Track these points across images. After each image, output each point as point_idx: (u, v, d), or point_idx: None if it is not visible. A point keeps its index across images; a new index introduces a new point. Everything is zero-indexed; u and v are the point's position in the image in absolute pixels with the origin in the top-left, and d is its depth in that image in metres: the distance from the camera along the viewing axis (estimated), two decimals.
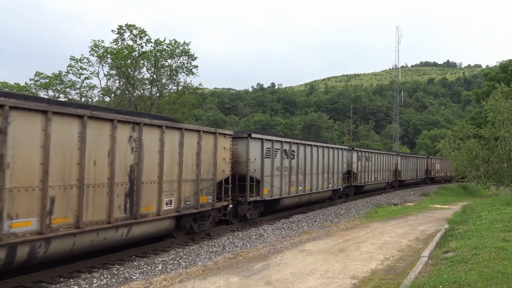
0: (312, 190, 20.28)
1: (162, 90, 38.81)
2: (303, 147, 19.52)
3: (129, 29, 35.53)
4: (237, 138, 15.25)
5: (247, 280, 8.29)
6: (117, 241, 9.73)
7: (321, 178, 21.45)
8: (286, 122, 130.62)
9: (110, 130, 9.29)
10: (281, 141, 17.47)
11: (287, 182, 17.78)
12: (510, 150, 26.04)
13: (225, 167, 13.72)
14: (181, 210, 11.50)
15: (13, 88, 34.45)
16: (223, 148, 13.53)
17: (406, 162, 40.30)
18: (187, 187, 11.82)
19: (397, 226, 15.74)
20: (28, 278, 8.24)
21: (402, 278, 7.98)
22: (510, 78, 35.23)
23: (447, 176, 54.52)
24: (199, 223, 12.80)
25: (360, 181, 28.27)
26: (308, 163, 19.93)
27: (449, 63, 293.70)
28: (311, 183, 20.19)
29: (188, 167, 11.86)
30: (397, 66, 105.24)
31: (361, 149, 29.35)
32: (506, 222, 12.08)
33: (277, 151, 17.01)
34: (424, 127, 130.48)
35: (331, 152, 22.90)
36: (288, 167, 17.88)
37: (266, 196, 16.13)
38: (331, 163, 22.75)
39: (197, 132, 12.36)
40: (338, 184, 23.95)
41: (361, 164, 28.43)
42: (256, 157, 15.52)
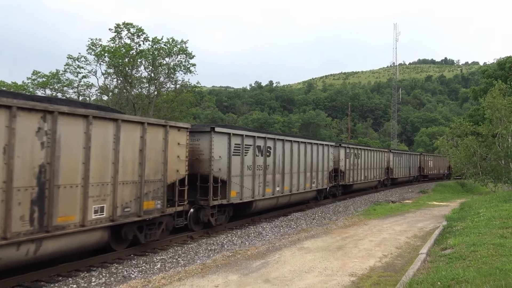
0: (292, 190, 18.51)
1: (160, 88, 38.75)
2: (281, 143, 17.66)
3: (127, 27, 35.44)
4: (198, 132, 13.44)
5: (245, 278, 8.30)
6: (21, 261, 7.80)
7: (303, 177, 19.61)
8: (284, 120, 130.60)
9: (6, 120, 7.31)
10: (253, 136, 15.55)
11: (261, 183, 15.95)
12: (507, 147, 26.10)
13: (179, 166, 11.72)
14: (117, 218, 9.50)
15: (10, 87, 34.34)
16: (176, 144, 11.58)
17: (398, 159, 38.67)
18: (126, 191, 9.84)
19: (395, 223, 15.77)
20: (27, 277, 8.23)
21: (401, 275, 8.00)
22: (507, 75, 35.29)
23: (440, 174, 53.21)
24: (147, 232, 10.95)
25: (348, 180, 26.46)
26: (288, 160, 18.15)
27: (446, 60, 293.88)
28: (291, 183, 18.39)
29: (128, 166, 9.90)
30: (395, 63, 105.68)
31: (349, 145, 27.60)
32: (504, 219, 12.11)
33: (248, 148, 15.15)
34: (422, 125, 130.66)
35: (315, 149, 21.05)
36: (262, 165, 16.07)
37: (234, 199, 14.31)
38: (315, 161, 20.94)
39: (140, 125, 10.37)
40: (323, 183, 22.14)
41: (350, 162, 26.67)
42: (222, 154, 13.67)
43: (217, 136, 13.50)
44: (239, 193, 14.60)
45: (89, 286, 8.11)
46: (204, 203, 13.15)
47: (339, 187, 25.61)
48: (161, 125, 11.16)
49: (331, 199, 24.65)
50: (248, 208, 15.59)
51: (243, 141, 14.84)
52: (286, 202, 18.60)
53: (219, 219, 14.05)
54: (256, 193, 15.64)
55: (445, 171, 54.06)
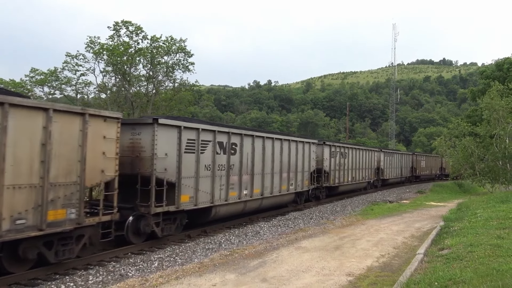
0: (264, 194, 16.34)
1: (159, 87, 38.68)
2: (250, 140, 15.45)
3: (125, 25, 35.34)
4: (140, 124, 11.37)
5: (243, 277, 8.30)
6: None
7: (278, 178, 17.44)
8: (283, 120, 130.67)
9: None
10: (212, 130, 13.25)
11: (223, 185, 13.77)
12: (505, 148, 26.16)
13: (106, 165, 9.49)
14: (3, 234, 7.35)
15: (8, 84, 34.21)
16: (102, 138, 9.38)
17: (390, 159, 36.87)
18: (20, 197, 7.66)
19: (392, 223, 15.80)
20: (24, 276, 8.21)
21: (398, 275, 8.01)
22: (505, 76, 35.37)
23: (432, 174, 51.48)
24: (59, 249, 8.68)
25: (333, 181, 24.32)
26: (258, 159, 15.95)
27: (445, 61, 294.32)
28: (262, 185, 16.24)
29: (22, 165, 7.72)
30: (393, 64, 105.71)
31: (335, 143, 25.47)
32: (501, 219, 12.14)
33: (206, 144, 12.95)
34: (420, 125, 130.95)
35: (294, 147, 18.83)
36: (225, 165, 13.91)
37: (186, 205, 12.11)
38: (294, 160, 18.79)
39: (42, 112, 8.10)
40: (303, 185, 19.95)
41: (335, 162, 24.58)
42: (169, 151, 11.47)
43: (163, 130, 11.28)
44: (193, 198, 12.37)
45: (86, 284, 8.10)
46: (144, 210, 10.90)
47: (322, 189, 23.42)
48: (76, 113, 8.89)
49: (314, 202, 22.52)
50: (207, 214, 13.39)
51: (198, 136, 12.56)
52: (257, 207, 16.42)
53: (167, 228, 11.84)
54: (217, 197, 13.44)
55: (437, 172, 52.94)
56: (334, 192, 25.15)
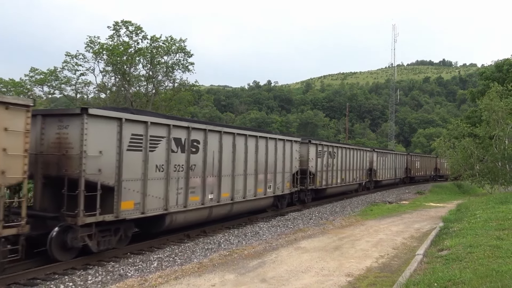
0: (235, 198, 14.43)
1: (158, 87, 38.72)
2: (217, 136, 13.51)
3: (125, 25, 35.37)
4: (67, 116, 9.48)
5: (242, 277, 8.30)
6: None
7: (253, 180, 15.53)
8: (282, 120, 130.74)
9: None
10: (166, 124, 11.31)
11: (181, 189, 11.84)
12: (504, 149, 26.19)
13: (8, 165, 7.64)
14: None
15: (7, 84, 34.21)
16: (2, 130, 7.52)
17: (383, 160, 35.08)
18: None
19: (392, 224, 15.80)
20: (23, 275, 8.21)
21: (397, 276, 8.01)
22: (505, 77, 35.41)
23: (427, 175, 49.94)
24: None
25: (320, 183, 22.40)
26: (228, 159, 14.11)
27: (444, 62, 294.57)
28: (232, 188, 14.32)
29: None
30: (393, 64, 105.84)
31: (322, 142, 23.36)
32: (500, 220, 12.14)
33: (158, 141, 11.01)
34: (420, 126, 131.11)
35: (272, 145, 16.96)
36: (184, 165, 11.95)
37: (129, 213, 10.09)
38: (272, 160, 17.01)
39: None
40: (283, 188, 18.10)
41: (322, 162, 22.71)
42: (104, 149, 9.56)
43: (95, 122, 9.38)
44: (140, 204, 10.40)
45: (85, 284, 8.09)
46: (71, 220, 9.00)
47: (308, 192, 21.48)
48: None
49: (298, 206, 20.75)
50: (159, 224, 11.45)
51: (147, 131, 10.59)
52: (226, 213, 14.50)
53: (105, 242, 9.89)
54: (173, 202, 11.50)
55: (432, 173, 51.66)
56: (321, 195, 23.44)
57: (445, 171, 54.68)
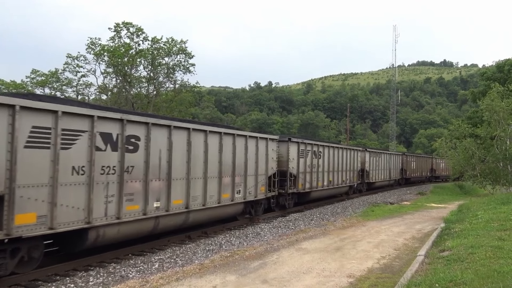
0: (191, 206, 12.03)
1: (159, 88, 38.82)
2: (165, 132, 11.18)
3: (126, 27, 35.48)
4: None
5: (243, 278, 8.30)
6: None
7: (216, 184, 13.31)
8: (283, 121, 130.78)
9: None
10: (88, 115, 8.93)
11: (113, 196, 9.52)
12: (505, 149, 26.19)
13: None
14: None
15: (9, 85, 34.31)
16: None
17: (376, 160, 32.85)
18: None
19: (393, 225, 15.78)
20: (24, 277, 8.21)
21: (399, 277, 8.00)
22: (506, 78, 35.41)
23: (423, 176, 47.95)
24: None
25: (303, 186, 20.21)
26: (181, 159, 11.69)
27: (445, 62, 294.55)
28: (187, 194, 11.90)
29: None
30: (394, 65, 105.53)
31: (305, 140, 20.91)
32: (502, 221, 12.13)
33: (76, 136, 8.71)
34: (421, 126, 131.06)
35: (241, 143, 14.87)
36: (116, 166, 9.62)
37: (29, 229, 7.73)
38: (242, 161, 14.86)
39: None
40: (257, 192, 15.98)
41: (305, 163, 20.43)
42: None
43: None
44: (46, 217, 8.04)
45: (86, 285, 8.09)
46: None
47: (289, 196, 19.32)
48: None
49: (278, 211, 18.73)
50: (79, 241, 9.09)
51: (57, 123, 8.27)
52: (180, 223, 12.11)
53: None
54: (99, 213, 9.12)
55: (428, 173, 49.89)
56: (305, 199, 21.14)
57: (441, 171, 53.82)
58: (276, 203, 18.37)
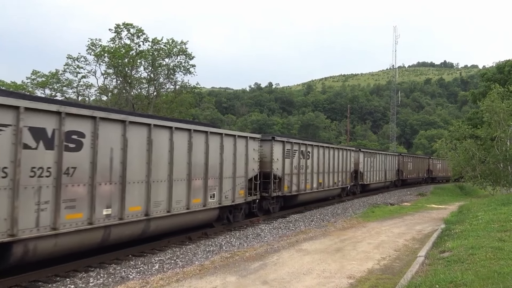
0: (153, 213, 10.48)
1: (160, 89, 38.85)
2: (118, 128, 9.69)
3: (127, 28, 35.52)
4: None
5: (244, 279, 8.30)
6: None
7: (185, 188, 11.76)
8: (284, 122, 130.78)
9: None
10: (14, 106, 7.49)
11: (47, 203, 8.05)
12: (506, 150, 26.21)
13: None
14: None
15: (9, 86, 34.33)
16: None
17: (371, 161, 31.41)
18: None
19: (393, 225, 15.78)
20: (25, 278, 8.22)
21: (399, 278, 8.01)
22: (506, 79, 35.45)
23: (419, 178, 46.49)
24: None
25: (289, 188, 18.61)
26: (139, 159, 10.14)
27: (446, 63, 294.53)
28: (147, 199, 10.36)
29: None
30: (394, 66, 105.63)
31: (290, 139, 19.27)
32: (502, 222, 12.13)
33: None
34: (421, 127, 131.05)
35: (216, 142, 13.33)
36: (53, 168, 8.15)
37: None
38: (216, 162, 13.34)
39: None
40: (234, 196, 14.41)
41: (292, 163, 18.90)
42: None
43: None
44: None
45: (87, 286, 8.10)
46: None
47: (273, 200, 17.76)
48: None
49: (262, 216, 17.25)
50: (1, 257, 7.62)
51: None
52: (139, 233, 10.54)
53: None
54: (28, 224, 7.67)
55: (424, 175, 48.49)
56: (292, 203, 19.62)
57: (437, 172, 52.72)
58: (259, 208, 17.02)
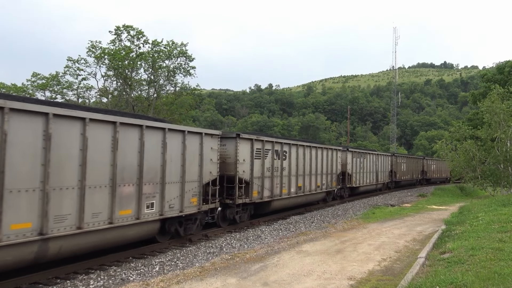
0: (49, 230, 7.97)
1: (160, 91, 38.85)
2: (36, 123, 7.83)
3: (127, 30, 35.57)
4: None
5: (244, 281, 8.30)
6: None
7: (106, 196, 9.33)
8: (284, 123, 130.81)
9: None
10: None
11: None
12: (506, 151, 26.20)
13: None
14: None
15: (10, 89, 34.36)
16: None
17: (361, 162, 28.92)
18: None
19: (394, 227, 15.78)
20: (25, 280, 8.22)
21: (399, 279, 8.01)
22: (506, 80, 35.45)
23: (413, 179, 44.28)
24: None
25: (259, 194, 15.95)
26: (27, 159, 7.70)
27: (446, 64, 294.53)
28: (42, 212, 7.87)
29: None
30: (394, 67, 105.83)
31: (261, 137, 16.43)
32: (502, 223, 12.12)
33: None
34: (421, 128, 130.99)
35: (156, 140, 10.87)
36: None
37: None
38: (157, 163, 10.90)
39: None
40: (184, 205, 11.83)
41: (263, 165, 16.20)
42: None
43: None
44: None
45: None
46: None
47: (238, 208, 15.00)
48: None
49: (226, 227, 14.82)
50: None
51: None
52: (30, 258, 7.93)
53: None
54: None
55: (418, 176, 46.13)
56: (265, 211, 17.07)
57: (432, 174, 50.77)
58: (222, 217, 14.79)
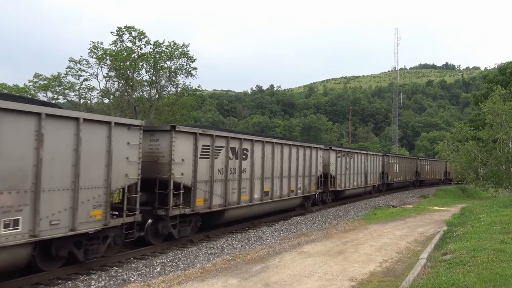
0: None
1: (161, 91, 38.88)
2: None
3: (128, 31, 35.62)
4: None
5: (245, 282, 8.29)
6: None
7: None
8: (285, 124, 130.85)
9: None
10: None
11: None
12: (508, 152, 26.16)
13: None
14: None
15: (12, 89, 34.43)
16: None
17: (346, 162, 25.65)
18: None
19: (395, 228, 15.75)
20: (26, 281, 8.23)
21: (401, 280, 7.99)
22: (508, 80, 35.40)
23: (407, 181, 41.03)
24: None
25: (207, 202, 12.74)
26: None
27: (448, 65, 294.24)
28: None
29: None
30: (396, 68, 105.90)
31: (210, 131, 13.01)
32: (504, 224, 12.10)
33: None
34: (423, 129, 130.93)
35: (26, 129, 7.48)
36: None
37: None
38: (23, 163, 7.48)
39: None
40: (76, 221, 8.40)
41: (213, 166, 12.88)
42: None
43: None
44: None
45: None
46: None
47: (174, 221, 11.65)
48: None
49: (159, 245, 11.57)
50: None
51: None
52: None
53: None
54: None
55: (412, 177, 43.00)
56: (217, 222, 13.87)
57: (425, 175, 47.83)
58: (154, 232, 11.49)
